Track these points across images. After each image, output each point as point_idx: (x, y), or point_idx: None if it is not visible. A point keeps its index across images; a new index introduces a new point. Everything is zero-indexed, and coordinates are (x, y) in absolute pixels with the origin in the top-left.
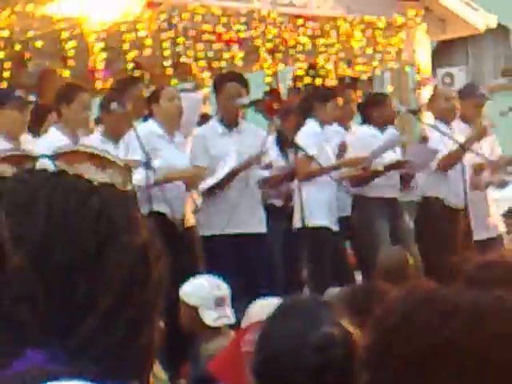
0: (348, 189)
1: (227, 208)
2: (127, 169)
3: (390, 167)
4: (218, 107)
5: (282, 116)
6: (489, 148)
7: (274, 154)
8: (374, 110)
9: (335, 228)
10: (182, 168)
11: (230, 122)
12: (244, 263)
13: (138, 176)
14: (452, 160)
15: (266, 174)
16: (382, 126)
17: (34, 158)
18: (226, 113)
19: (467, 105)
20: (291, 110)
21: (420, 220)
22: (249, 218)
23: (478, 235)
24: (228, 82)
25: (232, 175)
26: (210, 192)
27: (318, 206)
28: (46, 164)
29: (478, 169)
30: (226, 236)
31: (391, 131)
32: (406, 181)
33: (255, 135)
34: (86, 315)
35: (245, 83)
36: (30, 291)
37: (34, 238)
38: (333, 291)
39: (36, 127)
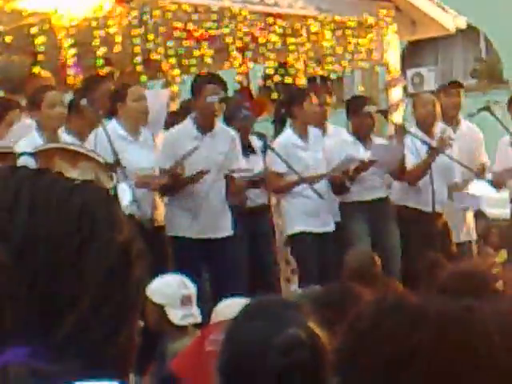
0: (323, 195)
1: (190, 214)
2: (108, 167)
3: (357, 170)
4: (195, 109)
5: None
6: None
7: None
8: (352, 116)
9: (318, 230)
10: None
11: (205, 125)
12: (210, 264)
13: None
14: (420, 172)
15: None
16: (360, 133)
17: (15, 156)
18: (203, 115)
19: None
20: (258, 109)
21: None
22: (212, 225)
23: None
24: (207, 83)
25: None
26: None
27: (293, 213)
28: (27, 161)
29: (481, 170)
30: (190, 238)
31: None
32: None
33: (227, 138)
34: (67, 312)
35: (223, 85)
36: (12, 289)
37: (16, 236)
38: (296, 293)
39: None
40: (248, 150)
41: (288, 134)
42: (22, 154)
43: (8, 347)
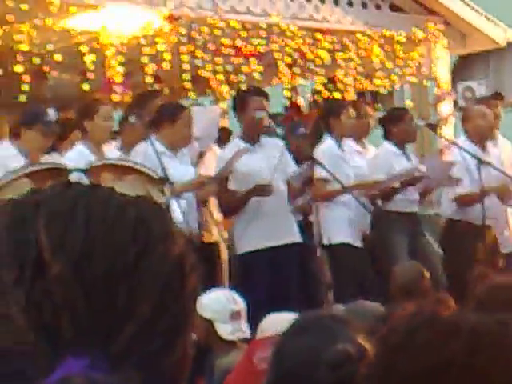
0: (368, 206)
1: (256, 222)
2: (161, 181)
3: (406, 183)
4: (241, 123)
5: (289, 134)
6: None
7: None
8: (394, 125)
9: (357, 244)
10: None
11: (253, 138)
12: (276, 272)
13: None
14: (470, 201)
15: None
16: (401, 142)
17: (67, 172)
18: (250, 128)
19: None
20: (295, 130)
21: (445, 240)
22: (281, 230)
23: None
24: (251, 96)
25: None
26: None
27: (337, 223)
28: (79, 178)
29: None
30: (261, 251)
31: (413, 161)
32: (423, 195)
33: (275, 147)
34: (124, 324)
35: (266, 97)
36: (70, 300)
37: (74, 248)
38: (339, 307)
39: (56, 144)
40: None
41: (329, 143)
42: (74, 170)
43: (67, 358)
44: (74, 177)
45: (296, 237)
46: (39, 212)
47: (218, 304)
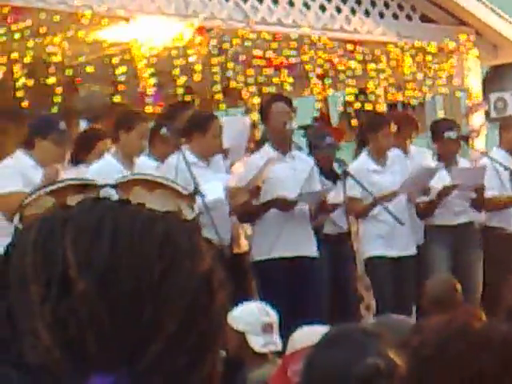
0: (400, 219)
1: (274, 234)
2: (190, 197)
3: (440, 195)
4: (268, 132)
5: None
6: None
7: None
8: (436, 141)
9: (394, 254)
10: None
11: (282, 146)
12: (294, 285)
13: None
14: (498, 205)
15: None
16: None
17: (97, 187)
18: (277, 134)
19: None
20: (337, 136)
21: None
22: (296, 243)
23: None
24: (273, 102)
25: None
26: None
27: (370, 237)
28: (109, 193)
29: None
30: (277, 260)
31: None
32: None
33: (305, 162)
34: (150, 341)
35: (290, 103)
36: (95, 317)
37: (99, 264)
38: (370, 321)
39: (83, 153)
40: (331, 177)
41: (363, 159)
42: (105, 185)
43: (93, 376)
44: (103, 192)
45: (315, 252)
46: (66, 228)
47: (251, 316)
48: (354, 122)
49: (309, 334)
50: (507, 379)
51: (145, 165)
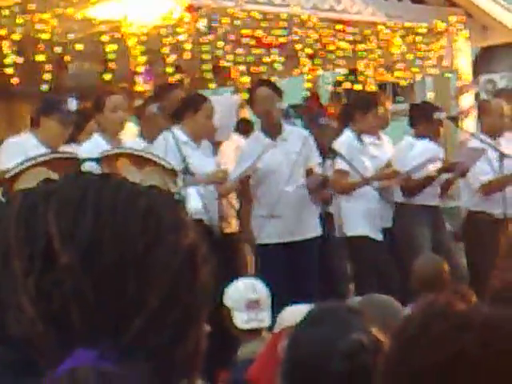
0: (389, 198)
1: (274, 218)
2: (174, 172)
3: (442, 170)
4: (255, 114)
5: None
6: None
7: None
8: (420, 120)
9: (377, 237)
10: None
11: (273, 130)
12: (295, 270)
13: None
14: (496, 187)
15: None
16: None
17: (80, 162)
18: (264, 119)
19: None
20: (317, 121)
21: (466, 232)
22: (298, 226)
23: None
24: (258, 87)
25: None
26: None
27: (356, 216)
28: (91, 167)
29: None
30: (278, 244)
31: (432, 147)
32: (444, 188)
33: (299, 138)
34: (134, 315)
35: (274, 87)
36: (79, 290)
37: (83, 237)
38: (355, 300)
39: (75, 133)
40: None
41: (348, 136)
42: (87, 159)
43: (77, 349)
44: (86, 167)
45: (316, 231)
46: (49, 202)
47: (236, 293)
48: (344, 101)
49: (295, 313)
50: (487, 361)
51: (134, 145)
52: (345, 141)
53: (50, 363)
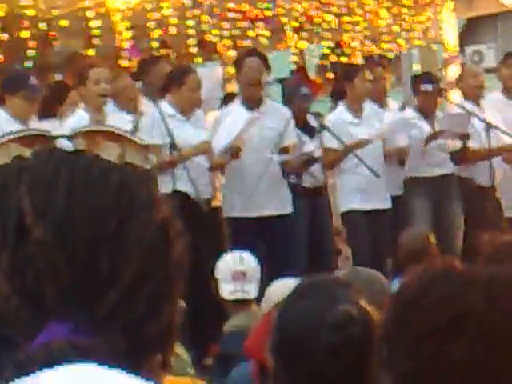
0: (375, 171)
1: (246, 193)
2: (146, 148)
3: (428, 139)
4: (239, 86)
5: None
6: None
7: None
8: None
9: (369, 207)
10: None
11: (253, 102)
12: (268, 242)
13: None
14: (478, 157)
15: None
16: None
17: (53, 139)
18: (248, 90)
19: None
20: (314, 89)
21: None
22: (269, 201)
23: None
24: (247, 57)
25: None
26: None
27: (349, 190)
28: (64, 144)
29: None
30: (248, 218)
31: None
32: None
33: (279, 115)
34: (108, 289)
35: (265, 59)
36: (53, 265)
37: (56, 213)
38: (338, 273)
39: (54, 106)
40: (307, 129)
41: (340, 111)
42: (59, 136)
43: (51, 323)
44: (58, 143)
45: (284, 209)
46: (21, 178)
47: (224, 264)
48: (330, 74)
49: (283, 287)
50: (494, 317)
51: (120, 119)
52: (334, 117)
53: (25, 337)
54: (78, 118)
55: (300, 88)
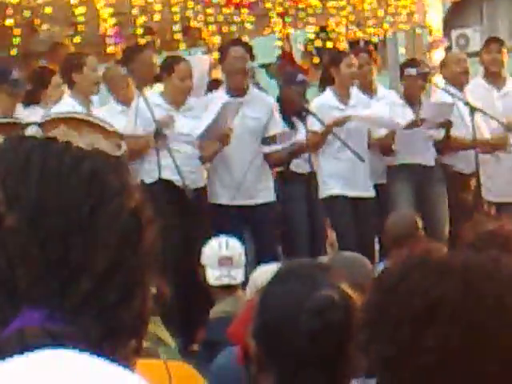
0: (360, 155)
1: (231, 181)
2: (119, 135)
3: (408, 126)
4: (224, 76)
5: (288, 82)
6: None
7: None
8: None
9: (353, 194)
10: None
11: (237, 90)
12: (252, 230)
13: None
14: (462, 146)
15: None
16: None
17: (22, 126)
18: (232, 79)
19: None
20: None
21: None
22: (255, 190)
23: (495, 197)
24: (232, 46)
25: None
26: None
27: (331, 176)
28: (34, 131)
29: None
30: (231, 205)
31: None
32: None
33: (262, 104)
34: (80, 276)
35: (249, 48)
36: (25, 252)
37: (28, 201)
38: (324, 258)
39: (39, 91)
40: (303, 114)
41: (326, 96)
42: (30, 123)
43: (24, 310)
44: (28, 131)
45: (265, 197)
46: None
47: (210, 250)
48: (316, 60)
49: (267, 272)
50: (468, 303)
51: (110, 109)
52: (320, 101)
53: None
54: (66, 106)
55: (297, 74)
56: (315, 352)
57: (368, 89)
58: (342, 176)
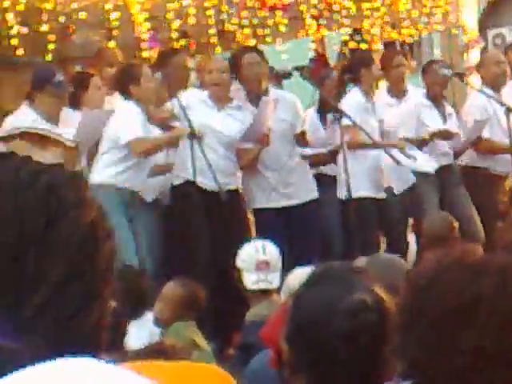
0: (397, 159)
1: (268, 185)
2: (76, 149)
3: (434, 135)
4: (241, 83)
5: (321, 82)
6: None
7: (313, 127)
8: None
9: (380, 195)
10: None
11: (257, 96)
12: (294, 233)
13: None
14: (497, 150)
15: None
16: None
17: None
18: (251, 85)
19: None
20: (328, 75)
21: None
22: (294, 190)
23: None
24: (245, 53)
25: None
26: None
27: (361, 177)
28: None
29: None
30: (272, 208)
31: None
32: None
33: (286, 104)
34: (35, 288)
35: (261, 54)
36: None
37: None
38: (361, 260)
39: (81, 93)
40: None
41: (356, 94)
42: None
43: None
44: None
45: (308, 195)
46: None
47: (246, 254)
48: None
49: (301, 275)
50: (504, 301)
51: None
52: (352, 99)
53: None
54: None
55: (332, 73)
56: (348, 354)
57: (398, 90)
58: (371, 177)
